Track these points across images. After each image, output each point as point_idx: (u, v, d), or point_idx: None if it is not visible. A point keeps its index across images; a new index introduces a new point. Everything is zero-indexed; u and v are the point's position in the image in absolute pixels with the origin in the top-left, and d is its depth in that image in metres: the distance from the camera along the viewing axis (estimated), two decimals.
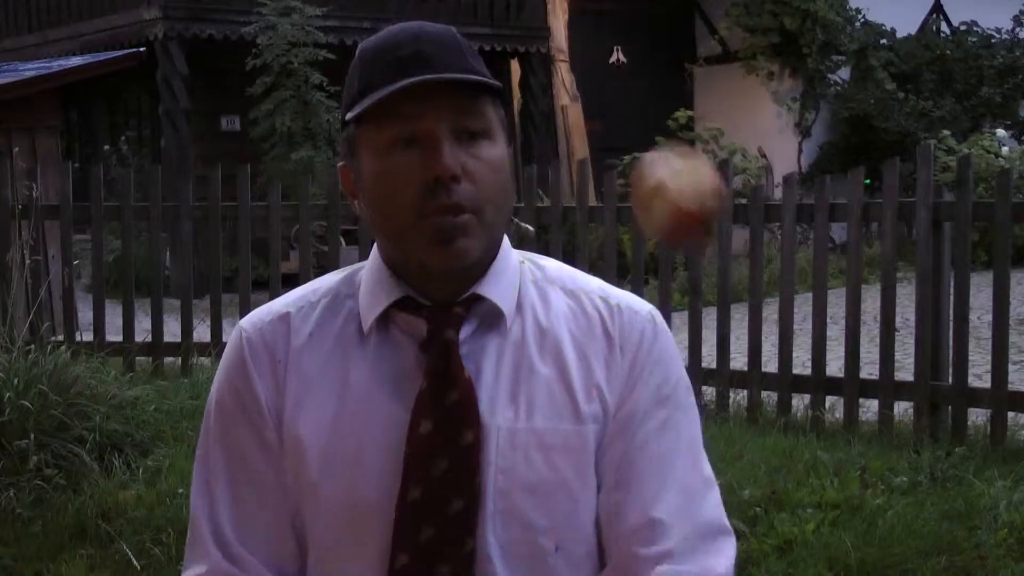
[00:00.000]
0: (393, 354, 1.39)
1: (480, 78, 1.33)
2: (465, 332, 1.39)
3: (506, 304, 1.40)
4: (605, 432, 1.39)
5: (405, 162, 1.32)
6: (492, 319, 1.40)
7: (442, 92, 1.31)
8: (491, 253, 1.39)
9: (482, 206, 1.33)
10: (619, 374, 1.41)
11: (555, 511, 1.37)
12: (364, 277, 1.43)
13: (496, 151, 1.35)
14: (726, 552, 1.41)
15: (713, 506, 1.43)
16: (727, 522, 1.44)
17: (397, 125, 1.32)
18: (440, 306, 1.38)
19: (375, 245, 1.43)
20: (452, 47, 1.34)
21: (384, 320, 1.40)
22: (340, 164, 1.42)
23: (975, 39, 16.31)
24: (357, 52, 1.39)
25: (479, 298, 1.39)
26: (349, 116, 1.36)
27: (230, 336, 1.47)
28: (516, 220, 1.47)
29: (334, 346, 1.41)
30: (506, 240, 1.44)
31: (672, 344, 1.46)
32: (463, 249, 1.33)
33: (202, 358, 6.69)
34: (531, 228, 1.52)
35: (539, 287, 1.44)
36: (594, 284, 1.47)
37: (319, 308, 1.44)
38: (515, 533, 1.36)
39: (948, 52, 15.87)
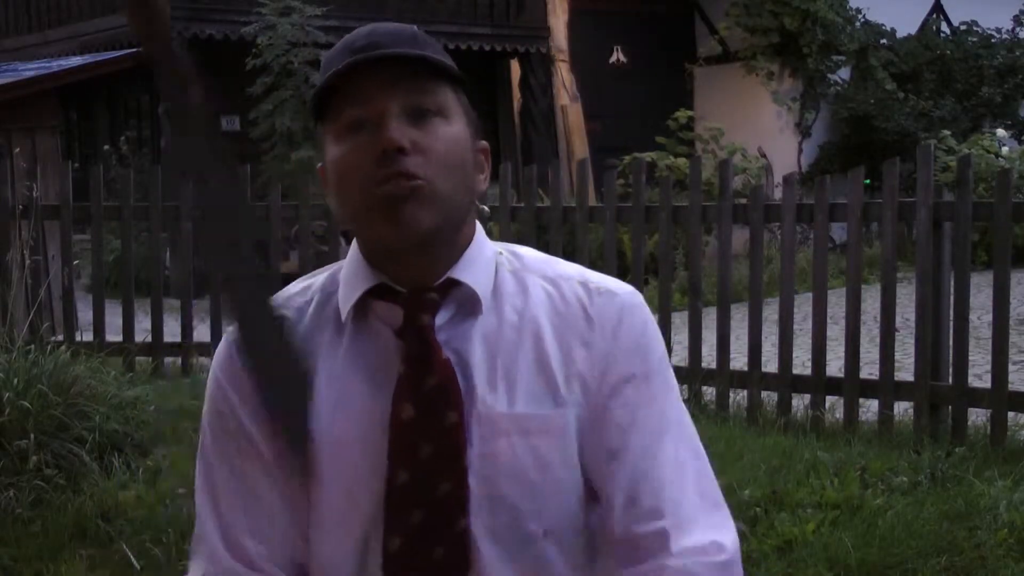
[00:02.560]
0: (372, 343, 1.41)
1: (423, 54, 1.35)
2: (442, 318, 1.39)
3: (482, 289, 1.40)
4: (588, 413, 1.40)
5: (357, 143, 1.34)
6: (469, 304, 1.40)
7: (391, 74, 1.34)
8: (454, 232, 1.39)
9: (433, 176, 1.34)
10: (600, 354, 1.40)
11: (540, 495, 1.38)
12: (343, 270, 1.45)
13: (451, 129, 1.37)
14: (728, 526, 1.41)
15: (707, 481, 1.43)
16: (721, 496, 1.44)
17: (349, 110, 1.35)
18: (415, 292, 1.38)
19: (354, 240, 1.45)
20: (406, 37, 1.37)
21: (363, 310, 1.41)
22: (319, 166, 1.44)
23: (975, 39, 16.31)
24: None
25: (455, 283, 1.39)
26: (309, 108, 1.40)
27: (220, 344, 1.48)
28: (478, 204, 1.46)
29: (321, 341, 1.42)
30: (480, 229, 1.45)
31: (652, 322, 1.46)
32: (413, 216, 1.33)
33: (202, 358, 6.69)
34: (486, 208, 1.49)
35: (517, 276, 1.44)
36: (573, 270, 1.47)
37: (313, 306, 1.45)
38: (501, 518, 1.37)
39: (948, 52, 15.87)
